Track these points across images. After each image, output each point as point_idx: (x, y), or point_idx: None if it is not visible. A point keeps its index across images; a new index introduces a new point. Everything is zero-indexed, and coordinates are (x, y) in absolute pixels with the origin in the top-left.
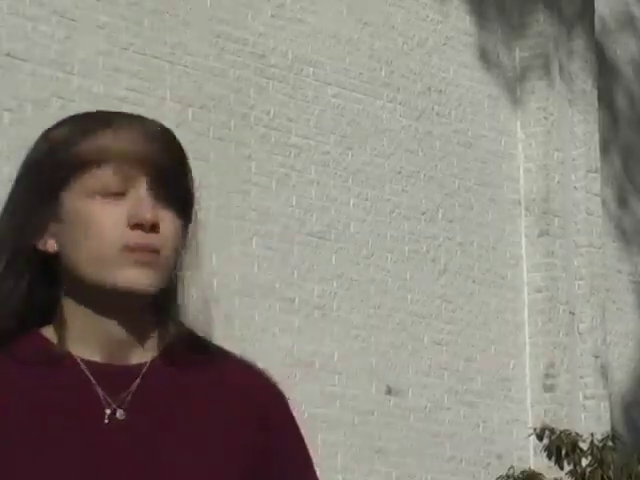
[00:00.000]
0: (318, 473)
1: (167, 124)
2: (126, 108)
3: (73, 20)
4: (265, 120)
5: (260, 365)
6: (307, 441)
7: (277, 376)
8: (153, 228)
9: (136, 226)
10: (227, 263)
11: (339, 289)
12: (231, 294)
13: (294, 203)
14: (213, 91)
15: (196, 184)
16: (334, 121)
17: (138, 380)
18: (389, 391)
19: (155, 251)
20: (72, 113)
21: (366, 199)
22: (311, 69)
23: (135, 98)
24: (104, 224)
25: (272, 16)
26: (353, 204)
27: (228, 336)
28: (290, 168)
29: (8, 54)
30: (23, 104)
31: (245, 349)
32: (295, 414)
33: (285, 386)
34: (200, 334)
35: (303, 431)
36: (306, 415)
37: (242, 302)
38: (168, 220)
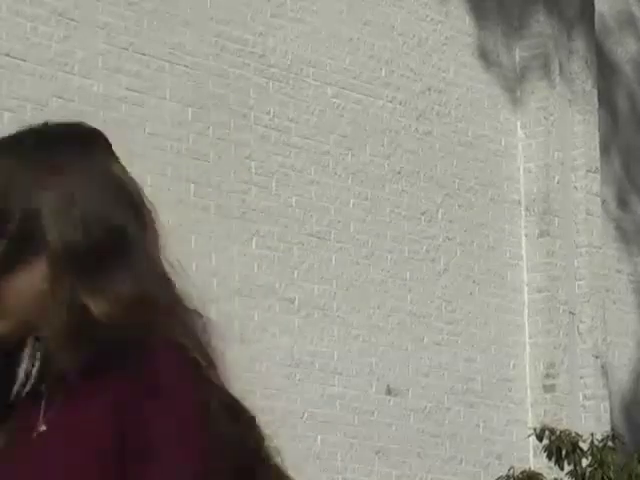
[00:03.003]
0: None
1: (167, 124)
2: (126, 108)
3: (73, 20)
4: (265, 120)
5: (260, 365)
6: (307, 442)
7: (277, 376)
8: None
9: None
10: (227, 263)
11: (339, 289)
12: (231, 294)
13: (294, 203)
14: (213, 91)
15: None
16: (334, 121)
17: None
18: (389, 391)
19: None
20: (72, 113)
21: (366, 199)
22: (311, 69)
23: (135, 98)
24: None
25: (272, 16)
26: (353, 204)
27: (228, 336)
28: (290, 168)
29: (8, 54)
30: (23, 104)
31: (245, 349)
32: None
33: (285, 386)
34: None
35: (302, 431)
36: (306, 415)
37: (242, 302)
38: None
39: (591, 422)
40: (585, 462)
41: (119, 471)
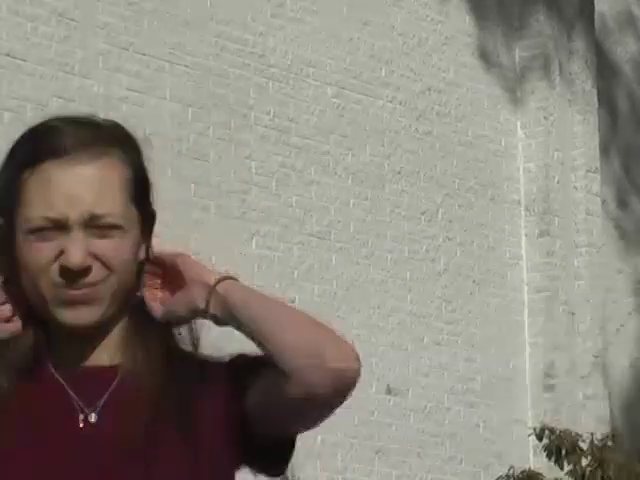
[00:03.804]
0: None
1: (167, 124)
2: (126, 108)
3: (73, 20)
4: (265, 120)
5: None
6: (307, 442)
7: None
8: (84, 272)
9: (65, 269)
10: (227, 263)
11: (339, 289)
12: None
13: (294, 203)
14: (213, 91)
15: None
16: (334, 121)
17: (114, 383)
18: (389, 391)
19: (91, 285)
20: (72, 113)
21: (366, 199)
22: (311, 69)
23: (135, 98)
24: (34, 265)
25: (272, 16)
26: (353, 204)
27: (228, 336)
28: (290, 168)
29: (8, 54)
30: (23, 104)
31: (245, 349)
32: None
33: None
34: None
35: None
36: None
37: None
38: (110, 247)
39: (591, 422)
40: (585, 462)
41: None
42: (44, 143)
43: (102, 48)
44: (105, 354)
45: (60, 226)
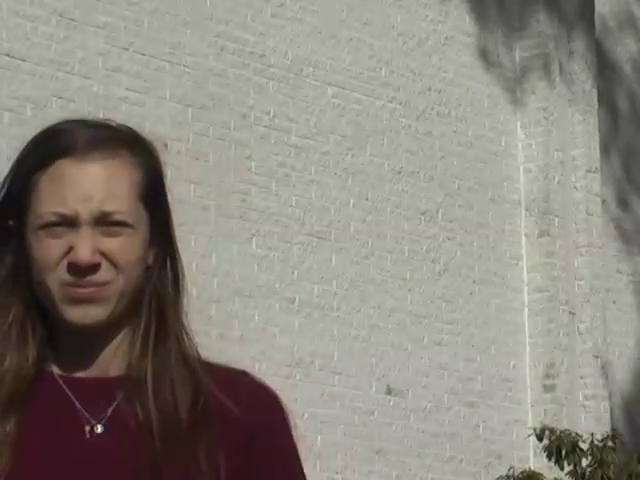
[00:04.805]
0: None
1: (167, 124)
2: (126, 108)
3: (73, 20)
4: (265, 120)
5: (260, 365)
6: (307, 442)
7: (277, 376)
8: (92, 268)
9: (74, 266)
10: (227, 263)
11: (339, 289)
12: (231, 294)
13: (294, 203)
14: (213, 91)
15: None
16: (334, 121)
17: (120, 394)
18: (389, 391)
19: (99, 285)
20: (72, 113)
21: (366, 199)
22: (311, 69)
23: (135, 98)
24: (43, 261)
25: (272, 16)
26: (353, 204)
27: (228, 336)
28: (290, 168)
29: (8, 54)
30: (23, 104)
31: (245, 349)
32: (290, 421)
33: (285, 386)
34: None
35: (302, 431)
36: (306, 415)
37: (242, 302)
38: (118, 245)
39: (591, 422)
40: (585, 462)
41: None
42: (57, 143)
43: (102, 48)
44: (111, 361)
45: (70, 223)
